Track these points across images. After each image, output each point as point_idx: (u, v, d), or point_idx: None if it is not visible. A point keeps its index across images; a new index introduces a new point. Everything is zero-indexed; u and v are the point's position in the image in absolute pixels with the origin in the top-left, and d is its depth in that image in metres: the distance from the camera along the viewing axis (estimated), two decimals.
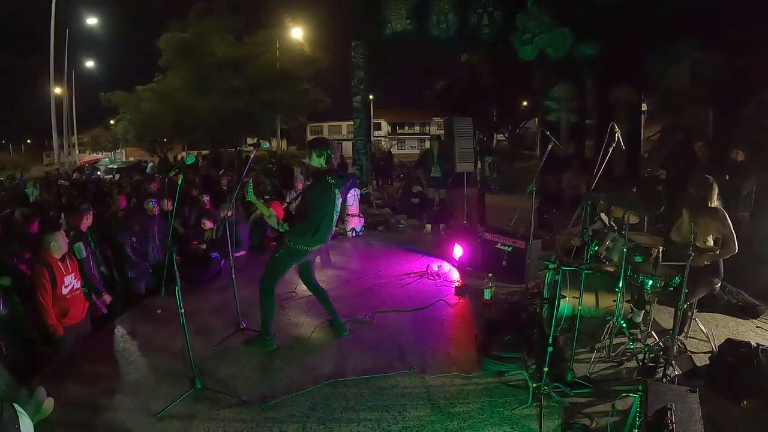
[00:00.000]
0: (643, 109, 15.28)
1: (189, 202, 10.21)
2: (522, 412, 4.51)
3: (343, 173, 5.92)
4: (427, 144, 65.07)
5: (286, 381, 5.06)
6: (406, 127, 75.76)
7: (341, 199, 5.70)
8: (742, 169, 8.13)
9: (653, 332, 5.56)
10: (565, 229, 7.87)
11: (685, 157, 10.70)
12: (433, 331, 6.35)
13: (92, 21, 34.90)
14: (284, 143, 51.06)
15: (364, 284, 8.11)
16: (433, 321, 6.64)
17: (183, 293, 4.76)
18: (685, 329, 5.84)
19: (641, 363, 5.15)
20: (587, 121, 14.55)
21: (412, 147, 66.75)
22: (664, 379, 4.78)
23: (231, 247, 6.55)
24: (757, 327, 6.39)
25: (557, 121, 13.98)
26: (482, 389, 4.92)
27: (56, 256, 5.77)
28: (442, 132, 12.51)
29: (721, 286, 6.11)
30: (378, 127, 67.92)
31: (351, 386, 4.95)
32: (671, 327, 5.31)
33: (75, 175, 22.61)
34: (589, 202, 5.21)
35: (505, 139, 40.26)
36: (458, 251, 8.70)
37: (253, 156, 6.71)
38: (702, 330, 5.84)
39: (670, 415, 3.42)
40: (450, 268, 8.81)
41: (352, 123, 16.20)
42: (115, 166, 34.05)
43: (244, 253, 9.82)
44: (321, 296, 6.18)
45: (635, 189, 5.51)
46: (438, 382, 5.05)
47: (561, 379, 4.85)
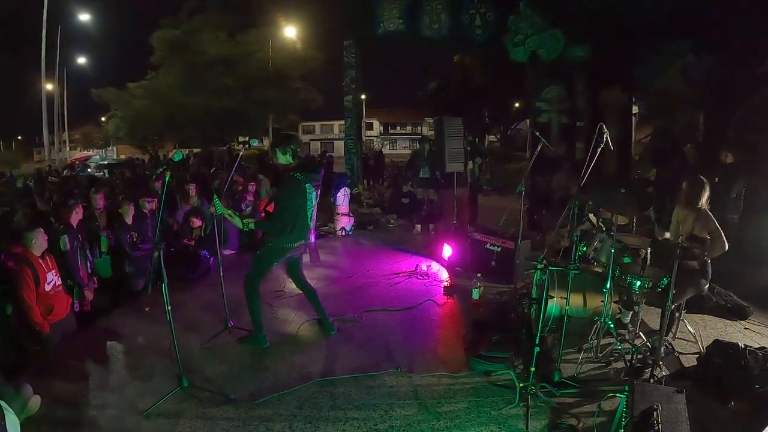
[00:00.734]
0: (634, 112, 15.33)
1: (180, 199, 10.13)
2: (509, 411, 4.50)
3: (316, 167, 5.83)
4: (418, 145, 65.19)
5: (274, 379, 5.03)
6: (398, 128, 75.75)
7: (315, 192, 5.59)
8: (731, 172, 8.16)
9: (641, 333, 5.57)
10: (553, 230, 7.89)
11: (675, 159, 10.76)
12: (421, 330, 6.34)
13: (85, 17, 34.71)
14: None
15: (353, 283, 8.09)
16: (421, 320, 6.63)
17: (172, 291, 4.73)
18: (673, 330, 5.85)
19: (629, 363, 5.14)
20: (578, 123, 14.56)
21: (404, 147, 66.71)
22: (652, 380, 4.79)
23: (219, 245, 6.52)
24: (746, 328, 6.40)
25: (548, 122, 13.94)
26: (469, 389, 4.91)
27: (36, 253, 5.73)
28: (432, 133, 12.50)
29: (709, 287, 6.12)
30: (370, 126, 67.92)
31: (338, 385, 4.93)
32: (659, 328, 5.31)
33: (65, 172, 22.47)
34: (577, 202, 5.20)
35: (496, 140, 40.34)
36: (447, 251, 8.68)
37: (242, 154, 6.67)
38: (690, 331, 5.84)
39: (656, 415, 3.42)
40: (439, 267, 8.80)
41: (344, 122, 16.18)
42: (105, 163, 33.91)
43: (234, 251, 9.77)
44: (310, 295, 6.14)
45: (623, 190, 5.51)
46: (425, 381, 5.04)
47: (548, 379, 4.85)
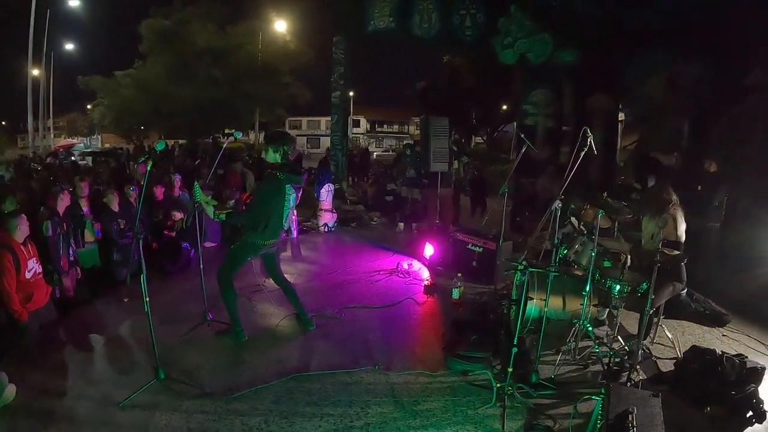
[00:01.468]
0: (621, 119, 15.40)
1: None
2: (485, 411, 4.50)
3: (300, 169, 5.80)
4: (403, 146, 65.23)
5: (251, 374, 5.00)
6: (385, 126, 75.74)
7: (295, 194, 5.55)
8: (713, 181, 8.23)
9: (619, 336, 5.59)
10: (533, 232, 7.92)
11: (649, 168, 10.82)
12: (400, 328, 6.34)
13: (74, 3, 34.30)
14: (262, 136, 50.72)
15: (334, 279, 8.06)
16: (400, 318, 6.63)
17: (152, 282, 4.70)
18: (651, 335, 5.89)
19: (606, 367, 5.17)
20: (564, 128, 14.62)
21: (390, 146, 66.77)
22: (629, 383, 4.80)
23: (199, 237, 6.47)
24: (723, 335, 6.47)
25: (534, 125, 13.99)
26: (446, 388, 4.91)
27: (18, 239, 5.62)
28: (418, 133, 12.48)
29: (688, 293, 6.17)
30: (357, 124, 67.88)
31: (315, 381, 4.91)
32: (637, 332, 5.33)
33: (49, 159, 22.20)
34: (558, 205, 5.21)
35: (483, 141, 40.43)
36: (429, 250, 8.70)
37: (225, 146, 6.62)
38: (668, 336, 5.88)
39: (631, 418, 3.42)
40: (420, 266, 8.80)
41: (330, 119, 16.14)
42: (89, 151, 33.57)
43: (215, 244, 9.70)
44: (288, 290, 6.13)
45: (606, 194, 5.53)
46: (402, 379, 5.02)
47: (525, 380, 4.86)
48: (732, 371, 4.68)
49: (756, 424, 4.48)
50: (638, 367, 5.02)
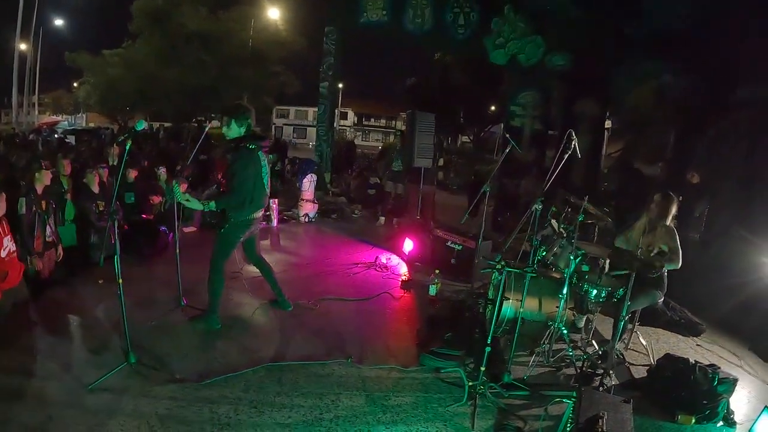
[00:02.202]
0: (607, 126, 15.47)
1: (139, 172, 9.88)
2: (456, 409, 4.48)
3: (260, 135, 5.72)
4: (392, 138, 65.27)
5: (222, 361, 4.93)
6: (373, 120, 75.69)
7: (266, 158, 5.53)
8: (696, 192, 8.27)
9: (593, 341, 5.60)
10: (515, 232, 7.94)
11: (631, 178, 10.92)
12: (375, 322, 6.29)
13: None
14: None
15: (311, 270, 8.00)
16: (376, 312, 6.59)
17: (128, 265, 4.61)
18: (626, 341, 5.91)
19: (579, 370, 5.17)
20: (550, 132, 14.66)
21: (377, 140, 66.78)
22: (601, 388, 4.82)
23: (177, 221, 6.38)
24: (697, 345, 6.52)
25: (521, 126, 14.01)
26: (418, 384, 4.88)
27: None
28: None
29: (664, 302, 6.18)
30: (344, 116, 67.76)
31: (287, 371, 4.85)
32: (611, 337, 5.35)
33: (31, 136, 21.86)
34: (539, 207, 5.20)
35: (469, 140, 40.54)
36: (408, 246, 8.67)
37: (207, 129, 6.55)
38: (642, 343, 5.93)
39: (601, 423, 3.40)
40: (399, 261, 8.78)
41: (318, 107, 16.04)
42: (72, 129, 33.16)
43: (195, 229, 9.60)
44: (266, 271, 6.10)
45: (587, 198, 5.52)
46: (374, 373, 4.99)
47: (498, 379, 4.85)
48: (704, 381, 4.71)
49: None
50: (611, 372, 5.03)
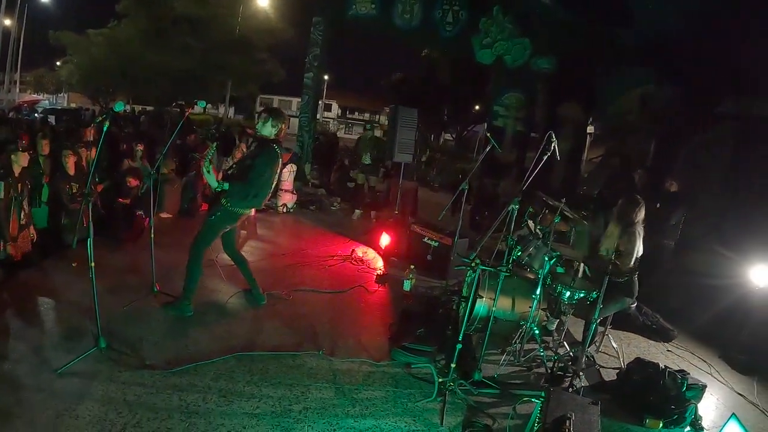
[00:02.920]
0: (589, 131, 15.58)
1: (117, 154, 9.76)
2: (425, 405, 4.50)
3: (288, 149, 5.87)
4: (375, 132, 65.08)
5: (193, 349, 4.89)
6: (357, 113, 75.45)
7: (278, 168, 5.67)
8: (673, 200, 8.35)
9: (565, 342, 5.64)
10: (494, 233, 7.95)
11: (622, 183, 10.98)
12: (348, 315, 6.29)
13: None
14: (231, 111, 50.07)
15: (287, 261, 7.95)
16: (349, 305, 6.58)
17: (103, 249, 4.54)
18: (597, 344, 5.96)
19: (549, 370, 5.21)
20: (532, 134, 14.74)
21: (359, 133, 66.63)
22: (570, 389, 4.85)
23: (153, 206, 6.29)
24: (668, 350, 6.61)
25: (503, 127, 14.07)
26: (389, 378, 4.89)
27: None
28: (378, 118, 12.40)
29: (637, 307, 6.23)
30: (329, 108, 67.51)
31: (257, 361, 4.83)
32: (582, 339, 5.40)
33: (11, 114, 21.47)
34: (515, 207, 5.22)
35: (452, 139, 40.61)
36: (385, 240, 8.66)
37: (187, 114, 6.50)
38: (613, 346, 5.98)
39: (568, 424, 3.42)
40: (375, 255, 8.79)
41: (301, 97, 15.96)
42: (51, 108, 32.62)
43: (171, 215, 9.49)
44: (242, 265, 6.08)
45: (564, 200, 5.56)
46: (345, 366, 4.99)
47: (468, 377, 4.86)
48: (673, 386, 4.77)
49: None
50: (581, 373, 5.07)
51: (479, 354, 5.06)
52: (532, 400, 4.39)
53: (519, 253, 5.76)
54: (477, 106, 34.01)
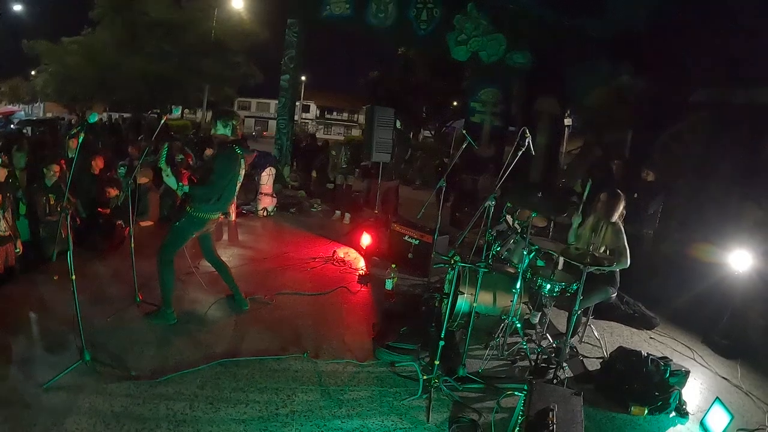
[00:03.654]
0: (567, 123, 15.69)
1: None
2: (411, 403, 4.53)
3: (247, 145, 5.78)
4: (353, 131, 65.14)
5: (178, 357, 4.88)
6: (335, 113, 75.39)
7: (244, 170, 5.63)
8: (650, 189, 8.47)
9: (548, 334, 5.69)
10: (474, 229, 8.00)
11: (601, 173, 11.10)
12: (332, 317, 6.29)
13: None
14: (209, 115, 49.74)
15: (268, 264, 7.94)
16: (332, 307, 6.58)
17: (83, 260, 4.51)
18: (580, 334, 6.02)
19: (533, 363, 5.26)
20: (510, 128, 14.84)
21: (339, 133, 66.58)
22: (555, 381, 4.91)
23: (132, 215, 6.25)
24: (651, 338, 6.71)
25: (480, 123, 14.17)
26: (374, 378, 4.91)
27: None
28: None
29: (619, 296, 6.30)
30: (307, 109, 67.39)
31: (243, 366, 4.84)
32: (565, 331, 5.45)
33: None
34: (492, 202, 5.26)
35: (431, 135, 40.66)
36: (366, 240, 8.69)
37: (163, 122, 6.49)
38: (596, 336, 6.05)
39: (552, 416, 3.46)
40: (356, 255, 8.80)
41: (278, 100, 15.92)
42: (26, 120, 32.20)
43: (151, 223, 9.45)
44: (222, 270, 6.06)
45: (540, 194, 5.62)
46: (330, 368, 5.00)
47: (453, 373, 4.90)
48: (656, 373, 4.83)
49: (678, 425, 4.68)
50: (565, 364, 5.13)
51: (463, 350, 5.10)
52: (515, 393, 4.44)
53: (498, 248, 5.81)
54: (455, 102, 34.09)
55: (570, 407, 3.69)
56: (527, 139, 5.16)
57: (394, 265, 7.24)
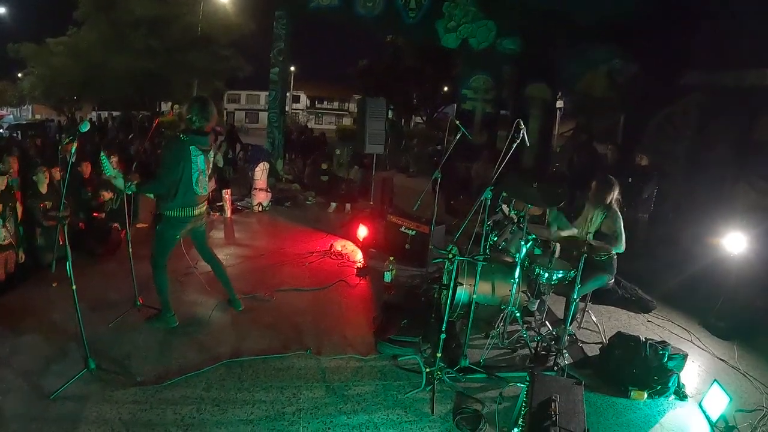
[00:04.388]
0: (559, 106, 15.74)
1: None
2: (415, 396, 4.58)
3: (204, 131, 5.45)
4: (344, 120, 64.90)
5: (182, 361, 4.90)
6: (325, 102, 75.04)
7: (203, 155, 5.22)
8: (644, 174, 8.53)
9: (547, 322, 5.74)
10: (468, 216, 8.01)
11: (586, 157, 11.17)
12: (332, 311, 6.31)
13: None
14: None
15: (266, 261, 7.95)
16: (332, 301, 6.61)
17: (79, 266, 4.50)
18: (578, 320, 6.07)
19: (533, 351, 5.31)
20: (502, 112, 14.86)
21: (330, 123, 66.39)
22: (555, 368, 4.97)
23: (128, 218, 6.26)
24: (648, 321, 6.75)
25: (472, 110, 14.18)
26: (377, 372, 4.96)
27: None
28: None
29: (616, 281, 6.35)
30: (297, 99, 67.09)
31: (247, 366, 4.87)
32: (563, 318, 5.51)
33: None
34: (489, 196, 5.29)
35: (422, 121, 40.67)
36: (362, 232, 8.72)
37: (156, 123, 6.47)
38: (594, 321, 6.09)
39: (554, 406, 3.51)
40: (353, 248, 8.83)
41: (269, 93, 15.86)
42: (15, 124, 31.97)
43: (146, 225, 9.41)
44: (217, 268, 5.99)
45: (536, 185, 5.64)
46: (334, 364, 5.04)
47: (454, 364, 4.94)
48: (654, 358, 4.88)
49: (677, 408, 4.74)
50: (564, 351, 5.17)
51: (463, 340, 5.14)
52: (518, 384, 4.49)
53: (495, 239, 5.84)
54: (445, 87, 34.08)
55: (572, 397, 3.73)
56: (522, 131, 5.17)
57: (392, 258, 7.24)
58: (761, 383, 5.28)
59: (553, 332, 5.60)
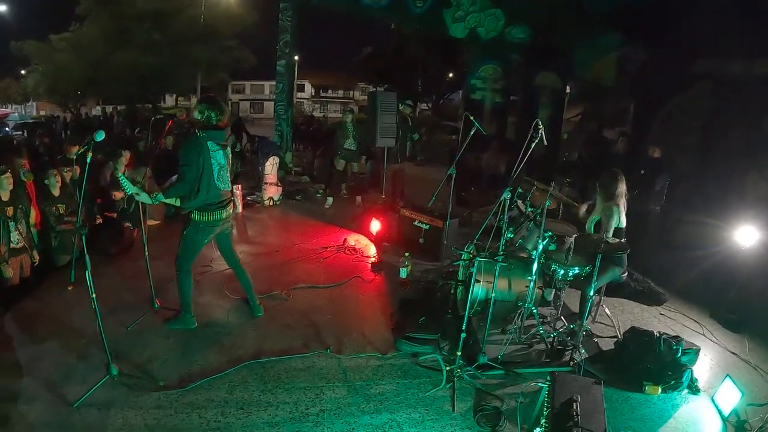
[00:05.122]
0: (566, 91, 15.68)
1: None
2: (436, 393, 4.64)
3: (220, 127, 5.39)
4: (351, 115, 64.70)
5: (203, 363, 4.92)
6: (330, 91, 74.78)
7: (221, 151, 5.23)
8: (656, 166, 8.54)
9: (562, 317, 5.77)
10: (481, 208, 8.02)
11: (596, 148, 11.17)
12: (349, 309, 6.35)
13: None
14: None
15: (280, 258, 7.94)
16: (348, 298, 6.64)
17: (95, 266, 4.49)
18: (593, 314, 6.11)
19: (550, 346, 5.35)
20: (512, 98, 14.84)
21: (335, 111, 66.19)
22: (571, 363, 5.03)
23: (143, 217, 6.16)
24: (661, 314, 6.77)
25: (482, 100, 14.15)
26: (397, 370, 5.01)
27: None
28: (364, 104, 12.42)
29: (628, 273, 6.38)
30: (302, 89, 66.86)
31: (268, 367, 4.91)
32: (578, 313, 5.55)
33: None
34: (508, 195, 5.31)
35: (428, 108, 40.59)
36: (375, 226, 8.75)
37: (169, 126, 6.46)
38: (608, 315, 6.13)
39: (575, 406, 3.56)
40: (367, 242, 8.85)
41: (275, 87, 15.79)
42: (21, 123, 31.97)
43: (158, 222, 9.41)
44: (241, 274, 5.93)
45: (552, 185, 5.66)
46: (354, 362, 5.09)
47: (473, 361, 4.99)
48: (668, 353, 4.92)
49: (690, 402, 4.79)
50: (580, 346, 5.22)
51: (481, 337, 5.19)
52: (538, 384, 4.53)
53: (511, 236, 5.87)
54: (450, 74, 33.97)
55: (591, 396, 3.79)
56: (540, 131, 5.18)
57: (407, 253, 7.25)
58: None
59: (569, 327, 5.63)
